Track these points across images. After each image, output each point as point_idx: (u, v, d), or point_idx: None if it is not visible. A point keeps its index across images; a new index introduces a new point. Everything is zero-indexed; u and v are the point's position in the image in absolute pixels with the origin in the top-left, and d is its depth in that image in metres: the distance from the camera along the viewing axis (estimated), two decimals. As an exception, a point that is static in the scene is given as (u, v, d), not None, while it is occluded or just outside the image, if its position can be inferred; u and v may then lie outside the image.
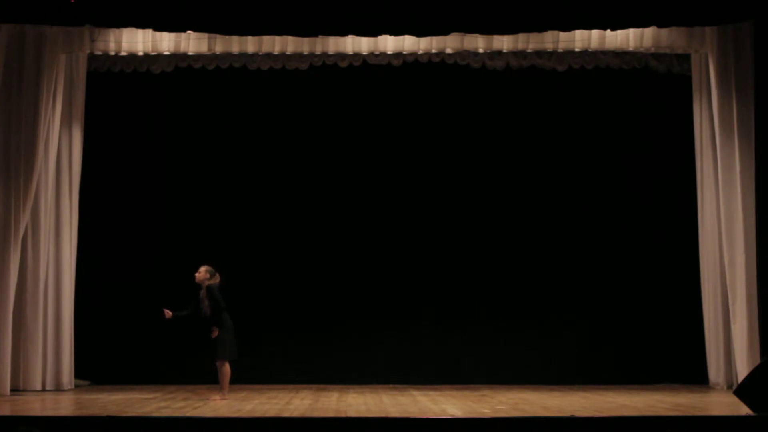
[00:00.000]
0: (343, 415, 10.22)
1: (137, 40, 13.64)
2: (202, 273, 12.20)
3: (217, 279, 12.21)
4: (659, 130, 14.87)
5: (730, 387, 13.22)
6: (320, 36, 13.43)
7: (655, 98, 14.84)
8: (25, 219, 13.19)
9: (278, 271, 14.79)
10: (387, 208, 14.93)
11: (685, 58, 14.36)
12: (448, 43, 13.62)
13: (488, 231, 14.92)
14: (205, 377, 13.16)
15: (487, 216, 14.91)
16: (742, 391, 10.21)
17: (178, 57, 14.13)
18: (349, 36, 13.48)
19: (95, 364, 14.34)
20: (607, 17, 12.51)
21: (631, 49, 13.74)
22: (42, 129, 13.27)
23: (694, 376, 14.12)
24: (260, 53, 13.90)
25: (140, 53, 13.79)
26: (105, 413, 10.19)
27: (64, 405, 11.78)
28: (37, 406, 11.68)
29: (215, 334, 12.04)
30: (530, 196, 14.95)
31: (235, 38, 13.57)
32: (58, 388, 13.63)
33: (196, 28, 13.02)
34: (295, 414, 10.34)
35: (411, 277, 14.84)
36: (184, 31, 13.21)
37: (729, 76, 13.22)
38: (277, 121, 15.00)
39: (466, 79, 14.70)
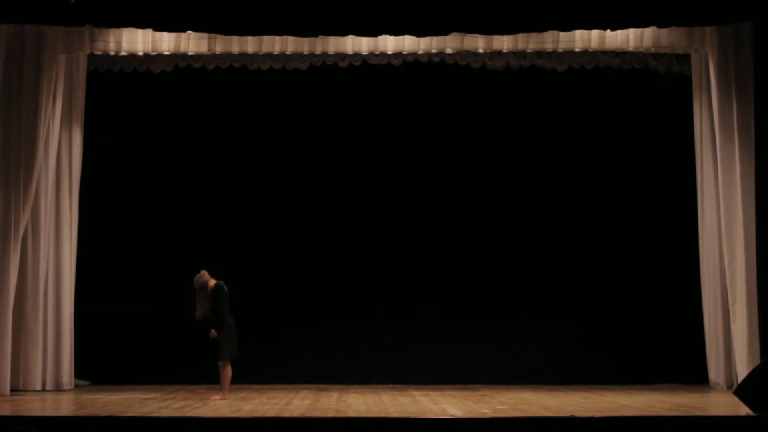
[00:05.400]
0: (343, 415, 10.22)
1: (137, 40, 13.64)
2: (206, 276, 12.19)
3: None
4: (659, 130, 14.87)
5: (730, 387, 13.22)
6: (320, 36, 13.43)
7: (655, 98, 14.84)
8: (25, 219, 13.19)
9: (278, 271, 14.79)
10: (387, 209, 14.93)
11: (685, 58, 14.35)
12: (448, 43, 13.62)
13: (488, 231, 14.92)
14: (205, 377, 13.17)
15: (487, 216, 14.91)
16: (742, 391, 10.22)
17: (178, 57, 14.13)
18: (349, 36, 13.48)
19: (95, 364, 14.33)
20: (607, 17, 12.51)
21: (631, 49, 13.74)
22: (42, 129, 13.27)
23: (694, 376, 14.11)
24: (260, 53, 13.90)
25: (140, 53, 13.80)
26: (105, 413, 10.19)
27: (64, 405, 11.78)
28: (37, 406, 11.68)
29: (214, 334, 12.06)
30: (530, 195, 14.95)
31: (235, 38, 13.57)
32: (58, 388, 13.63)
33: (196, 28, 13.02)
34: (295, 414, 10.35)
35: (411, 278, 14.84)
36: (184, 31, 13.22)
37: (729, 76, 13.22)
38: (277, 121, 15.00)
39: (466, 79, 14.70)
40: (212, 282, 12.15)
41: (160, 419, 9.88)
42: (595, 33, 13.45)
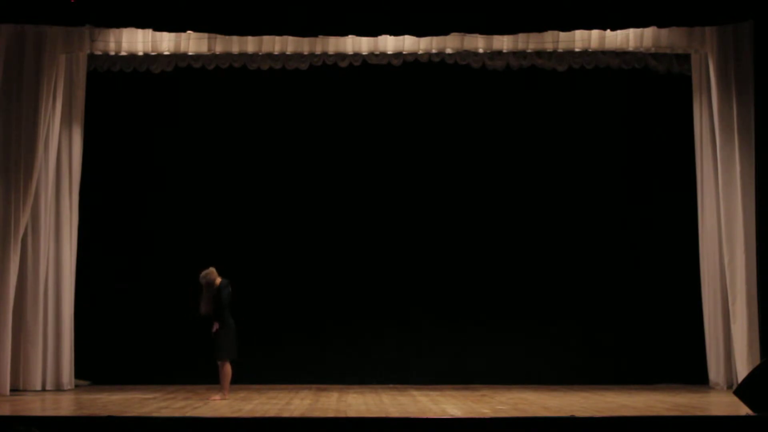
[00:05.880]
0: (343, 415, 10.22)
1: (137, 40, 13.65)
2: (214, 273, 12.21)
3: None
4: (659, 130, 14.87)
5: (730, 387, 13.22)
6: (320, 36, 13.44)
7: (655, 98, 14.84)
8: (25, 219, 13.19)
9: (278, 271, 14.79)
10: (387, 209, 14.94)
11: (685, 58, 14.36)
12: (448, 43, 13.63)
13: (488, 231, 14.92)
14: (205, 377, 13.17)
15: (488, 216, 14.91)
16: (742, 391, 10.22)
17: (178, 57, 14.14)
18: (349, 36, 13.48)
19: (95, 364, 14.34)
20: (607, 17, 12.51)
21: (631, 49, 13.75)
22: (42, 129, 13.27)
23: (694, 376, 14.12)
24: (260, 53, 13.90)
25: (140, 53, 13.80)
26: (105, 413, 10.19)
27: (64, 405, 11.78)
28: (37, 406, 11.68)
29: (216, 328, 12.06)
30: (530, 196, 14.95)
31: (235, 38, 13.58)
32: (58, 388, 13.63)
33: (196, 28, 13.02)
34: (295, 414, 10.35)
35: (411, 278, 14.84)
36: (184, 31, 13.22)
37: (729, 76, 13.22)
38: (277, 121, 15.00)
39: (466, 79, 14.70)
40: (218, 280, 12.18)
41: (160, 419, 9.88)
42: (595, 33, 13.45)
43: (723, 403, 11.84)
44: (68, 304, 13.89)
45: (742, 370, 12.75)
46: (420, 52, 13.88)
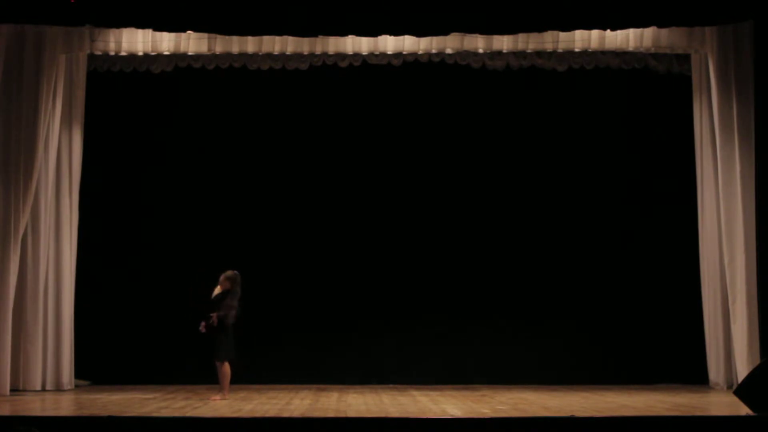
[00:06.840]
0: (343, 415, 10.21)
1: (137, 40, 13.65)
2: (238, 281, 12.25)
3: None
4: (659, 130, 14.87)
5: (730, 387, 13.22)
6: (320, 36, 13.44)
7: (655, 98, 14.84)
8: (25, 219, 13.18)
9: (278, 271, 14.78)
10: (387, 209, 14.93)
11: (685, 58, 14.36)
12: (448, 43, 13.63)
13: (488, 231, 14.92)
14: (206, 377, 13.15)
15: (488, 216, 14.91)
16: (742, 391, 10.22)
17: (178, 57, 14.14)
18: (349, 36, 13.48)
19: (95, 364, 14.34)
20: (607, 17, 12.52)
21: (631, 49, 13.75)
22: (42, 129, 13.27)
23: (694, 376, 14.12)
24: (260, 53, 13.91)
25: (140, 53, 13.81)
26: (105, 413, 10.19)
27: (64, 405, 11.78)
28: (37, 406, 11.68)
29: (213, 321, 12.03)
30: (530, 196, 14.95)
31: (235, 38, 13.58)
32: (58, 388, 13.63)
33: (196, 28, 13.03)
34: (295, 414, 10.35)
35: (411, 277, 14.84)
36: (184, 31, 13.22)
37: (729, 76, 13.22)
38: (277, 121, 15.00)
39: (466, 79, 14.70)
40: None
41: (160, 419, 9.88)
42: (595, 33, 13.45)
43: (723, 403, 11.84)
44: (68, 304, 13.89)
45: (742, 370, 12.75)
46: (420, 52, 13.88)
